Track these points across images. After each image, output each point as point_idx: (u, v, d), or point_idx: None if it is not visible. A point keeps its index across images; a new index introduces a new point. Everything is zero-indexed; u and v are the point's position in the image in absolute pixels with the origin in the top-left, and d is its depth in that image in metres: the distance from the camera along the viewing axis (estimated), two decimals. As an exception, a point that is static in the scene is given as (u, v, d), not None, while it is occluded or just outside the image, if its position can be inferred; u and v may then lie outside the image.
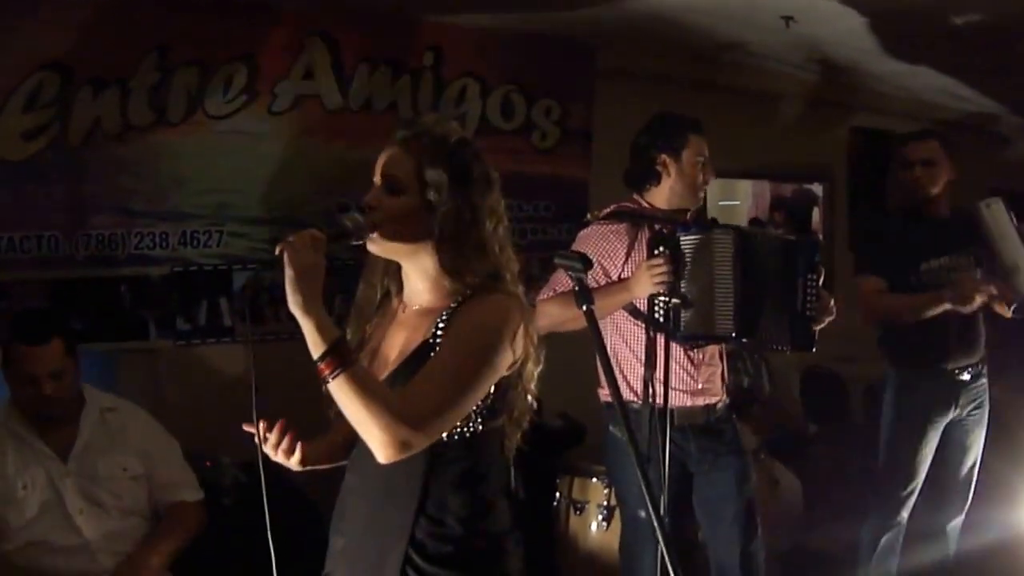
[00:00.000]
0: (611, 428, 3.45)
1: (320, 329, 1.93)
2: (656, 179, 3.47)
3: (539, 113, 5.11)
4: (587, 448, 4.39)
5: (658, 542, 3.01)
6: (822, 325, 3.38)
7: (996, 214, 3.96)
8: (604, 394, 3.49)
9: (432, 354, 2.08)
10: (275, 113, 4.36)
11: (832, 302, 3.41)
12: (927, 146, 4.06)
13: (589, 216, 3.58)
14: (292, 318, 1.96)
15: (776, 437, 4.55)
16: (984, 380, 4.19)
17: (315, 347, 1.93)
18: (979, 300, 3.86)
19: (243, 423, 2.10)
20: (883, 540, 4.18)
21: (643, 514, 3.36)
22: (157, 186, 4.16)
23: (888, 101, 6.51)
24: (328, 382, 1.94)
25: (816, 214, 6.85)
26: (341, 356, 1.94)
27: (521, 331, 2.13)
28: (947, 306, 3.87)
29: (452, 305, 2.13)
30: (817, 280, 3.30)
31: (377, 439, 1.95)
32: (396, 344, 2.19)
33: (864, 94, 6.36)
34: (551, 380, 3.55)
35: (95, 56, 3.90)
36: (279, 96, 4.36)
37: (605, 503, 3.93)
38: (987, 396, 4.21)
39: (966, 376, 4.08)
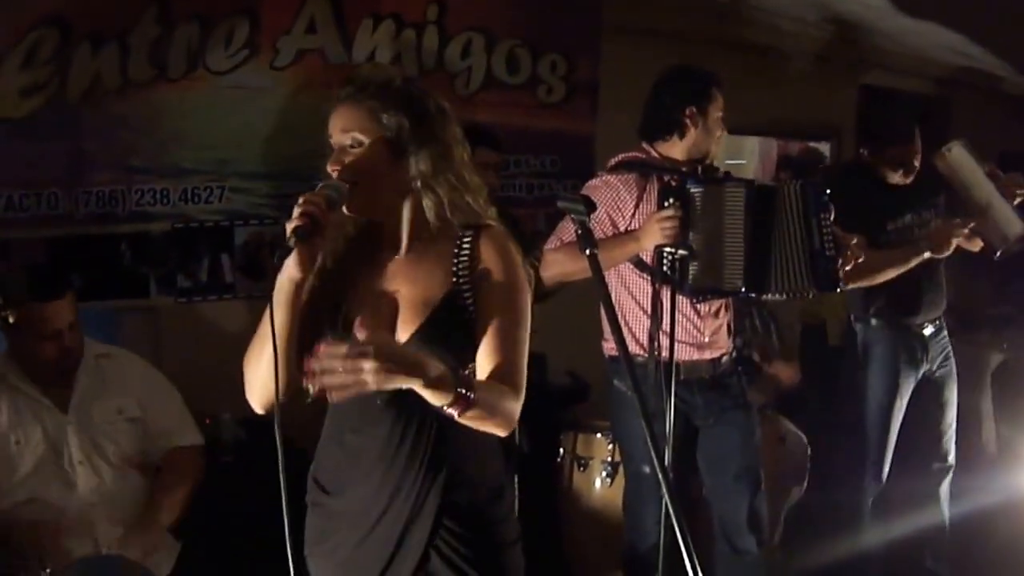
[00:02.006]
0: (615, 382, 3.42)
1: (435, 383, 1.88)
2: (680, 131, 3.41)
3: (545, 67, 5.05)
4: (591, 404, 4.38)
5: (662, 497, 3.04)
6: (848, 266, 3.33)
7: (959, 157, 3.92)
8: (608, 347, 3.46)
9: (462, 306, 2.08)
10: (277, 68, 4.32)
11: (854, 241, 3.36)
12: (912, 150, 4.03)
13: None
14: None
15: (783, 394, 4.52)
16: (946, 333, 4.21)
17: (439, 399, 1.90)
18: (955, 241, 3.85)
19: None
20: (870, 502, 4.19)
21: (647, 469, 3.35)
22: (157, 142, 4.12)
23: (896, 59, 6.42)
24: (457, 417, 1.95)
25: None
26: (466, 391, 1.91)
27: None
28: (926, 255, 3.84)
29: (460, 249, 2.11)
30: (829, 218, 3.25)
31: (501, 431, 2.07)
32: (402, 291, 2.12)
33: (872, 52, 6.28)
34: (556, 337, 3.58)
35: (94, 12, 3.87)
36: (281, 51, 4.31)
37: (609, 459, 3.90)
38: (951, 350, 4.23)
39: (929, 330, 4.12)
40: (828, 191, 3.29)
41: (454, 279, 2.10)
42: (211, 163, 4.25)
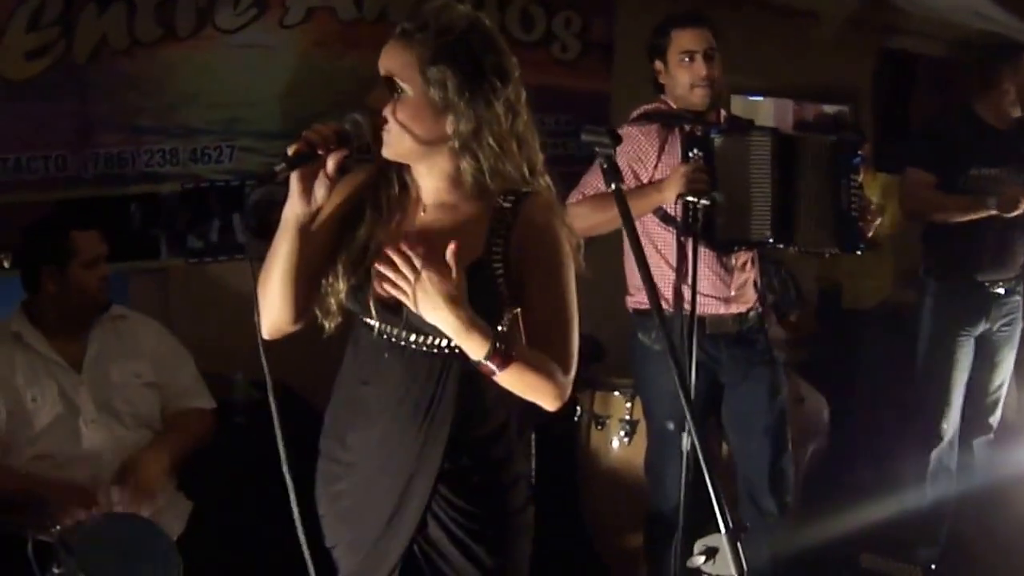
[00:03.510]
0: (639, 336, 3.35)
1: (474, 329, 1.86)
2: (660, 86, 3.38)
3: (559, 25, 4.95)
4: (606, 363, 4.27)
5: (685, 454, 2.98)
6: (871, 230, 3.26)
7: None
8: (633, 301, 3.39)
9: (491, 275, 1.99)
10: (287, 26, 4.23)
11: (874, 205, 3.30)
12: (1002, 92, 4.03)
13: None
14: None
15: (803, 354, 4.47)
16: (1018, 297, 4.17)
17: (477, 349, 1.88)
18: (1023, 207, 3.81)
19: (256, 341, 1.99)
20: (933, 456, 4.16)
21: (671, 426, 3.28)
22: (166, 102, 4.05)
23: (914, 21, 6.31)
24: (495, 375, 1.91)
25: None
26: (505, 347, 1.88)
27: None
28: (991, 211, 3.84)
29: (496, 217, 2.01)
30: (859, 178, 3.17)
31: (548, 403, 2.02)
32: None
33: (891, 13, 6.17)
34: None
35: (100, -30, 3.79)
36: (291, 8, 4.22)
37: (627, 417, 3.83)
38: (1020, 314, 4.18)
39: (999, 290, 4.07)
40: (860, 152, 3.22)
41: (484, 248, 2.01)
42: (220, 123, 4.17)
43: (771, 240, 3.12)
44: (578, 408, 3.97)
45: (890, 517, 4.20)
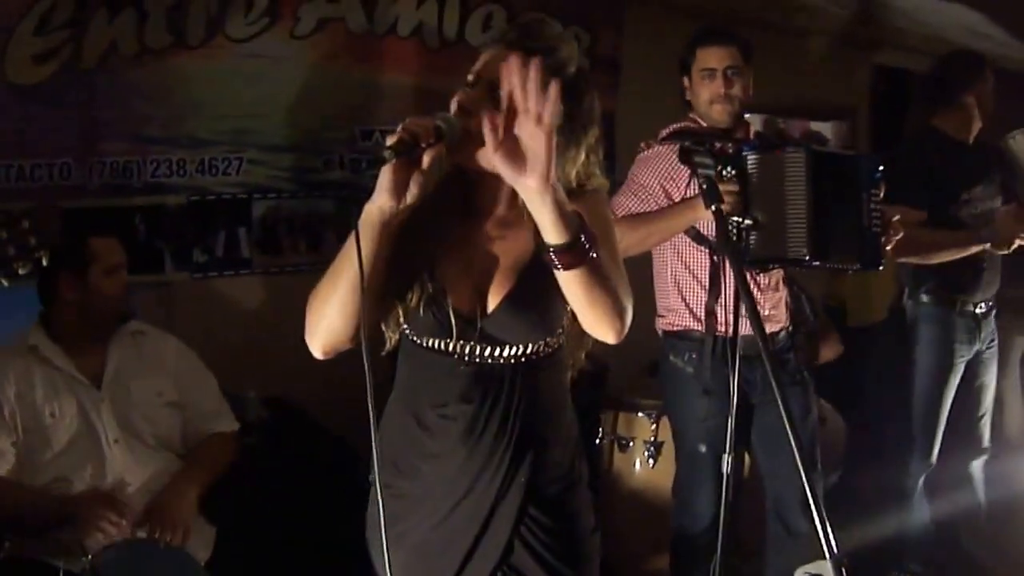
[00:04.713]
0: (671, 358, 3.31)
1: (563, 209, 1.69)
2: (688, 104, 3.38)
3: (569, 40, 4.91)
4: (624, 385, 4.21)
5: (718, 478, 2.93)
6: (889, 245, 3.22)
7: (1022, 144, 3.93)
8: (664, 323, 3.36)
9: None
10: (298, 37, 4.19)
11: (896, 218, 3.27)
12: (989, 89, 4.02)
13: (643, 145, 3.42)
14: (311, 249, 1.79)
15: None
16: (994, 314, 4.16)
17: (557, 233, 1.70)
18: (1017, 243, 3.82)
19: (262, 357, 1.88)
20: (921, 482, 4.11)
21: (703, 449, 3.24)
22: (174, 112, 3.99)
23: (908, 38, 6.35)
24: (563, 271, 1.75)
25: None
26: (586, 244, 1.73)
27: None
28: (985, 245, 3.82)
29: None
30: (879, 195, 3.14)
31: (609, 323, 1.85)
32: (492, 254, 1.98)
33: (889, 31, 6.20)
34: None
35: (112, -25, 3.73)
36: (302, 19, 4.18)
37: (652, 439, 3.79)
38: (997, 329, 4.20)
39: (983, 309, 4.05)
40: (881, 167, 3.19)
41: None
42: (228, 134, 4.11)
43: (807, 258, 3.08)
44: (600, 430, 3.92)
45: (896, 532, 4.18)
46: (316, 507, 3.38)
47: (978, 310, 4.02)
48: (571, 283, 1.77)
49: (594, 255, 1.74)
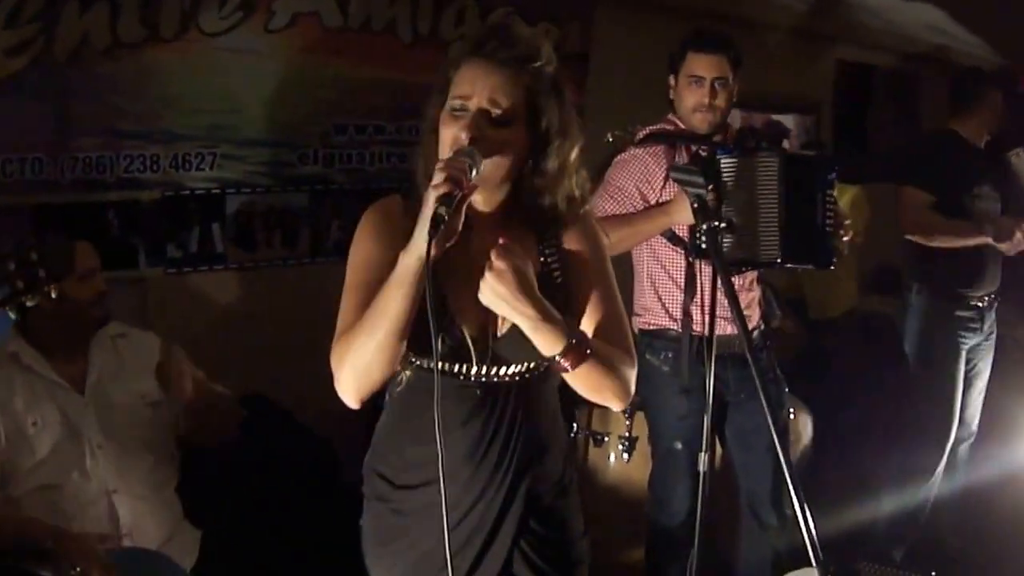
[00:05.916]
0: (647, 357, 3.35)
1: (550, 321, 1.82)
2: (671, 102, 3.38)
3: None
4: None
5: (694, 474, 3.00)
6: (843, 247, 3.29)
7: None
8: (640, 321, 3.40)
9: (551, 280, 2.00)
10: (272, 31, 4.15)
11: (847, 221, 3.34)
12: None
13: (610, 136, 3.46)
14: (285, 244, 1.81)
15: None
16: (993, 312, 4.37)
17: (552, 345, 1.85)
18: (1018, 240, 4.03)
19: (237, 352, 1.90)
20: (938, 468, 4.34)
21: (679, 446, 3.29)
22: (147, 106, 3.94)
23: (872, 34, 6.44)
24: (568, 372, 1.88)
25: (786, 146, 6.79)
26: (580, 344, 1.85)
27: None
28: (988, 239, 4.04)
29: (542, 224, 2.02)
30: (834, 195, 3.21)
31: (616, 400, 2.02)
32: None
33: (850, 27, 6.28)
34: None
35: (83, -34, 3.67)
36: (277, 13, 4.15)
37: (626, 434, 3.84)
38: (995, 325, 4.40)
39: (984, 302, 4.27)
40: (836, 168, 3.25)
41: (542, 259, 2.02)
42: (203, 129, 4.08)
43: (779, 260, 3.14)
44: (575, 425, 3.95)
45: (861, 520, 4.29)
46: (300, 508, 3.40)
47: (980, 303, 4.25)
48: (578, 379, 1.90)
49: (589, 351, 1.86)
